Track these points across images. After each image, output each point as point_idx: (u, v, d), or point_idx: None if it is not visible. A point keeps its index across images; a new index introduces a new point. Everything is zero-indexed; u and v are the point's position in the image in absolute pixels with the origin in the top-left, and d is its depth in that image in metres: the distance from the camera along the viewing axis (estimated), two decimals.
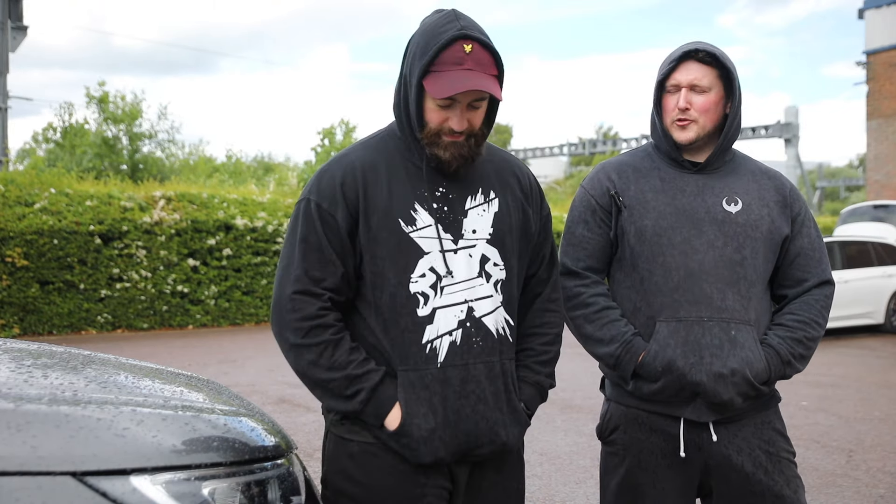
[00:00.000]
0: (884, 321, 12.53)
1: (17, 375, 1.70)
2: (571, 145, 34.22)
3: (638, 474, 2.18)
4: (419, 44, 1.82)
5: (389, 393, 1.82)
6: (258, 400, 6.78)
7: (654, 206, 2.18)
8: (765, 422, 2.17)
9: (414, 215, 1.84)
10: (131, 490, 1.46)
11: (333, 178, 1.86)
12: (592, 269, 2.25)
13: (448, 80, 1.76)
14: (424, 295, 1.83)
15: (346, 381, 1.80)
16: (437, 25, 1.81)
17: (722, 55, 2.15)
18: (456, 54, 1.77)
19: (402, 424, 1.80)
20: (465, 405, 1.83)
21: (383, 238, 1.83)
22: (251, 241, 13.22)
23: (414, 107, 1.83)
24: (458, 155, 1.84)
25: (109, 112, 29.24)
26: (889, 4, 21.39)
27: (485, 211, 1.92)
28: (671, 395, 2.12)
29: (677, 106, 2.16)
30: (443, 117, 1.82)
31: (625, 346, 2.14)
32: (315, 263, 1.83)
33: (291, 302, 1.82)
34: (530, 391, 1.96)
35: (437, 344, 1.83)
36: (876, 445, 5.63)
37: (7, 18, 17.66)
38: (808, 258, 2.22)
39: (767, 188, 2.23)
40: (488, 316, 1.88)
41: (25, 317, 11.12)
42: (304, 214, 1.86)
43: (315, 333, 1.81)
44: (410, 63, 1.83)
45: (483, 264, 1.89)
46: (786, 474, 2.15)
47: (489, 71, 1.80)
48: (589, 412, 6.51)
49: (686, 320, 2.10)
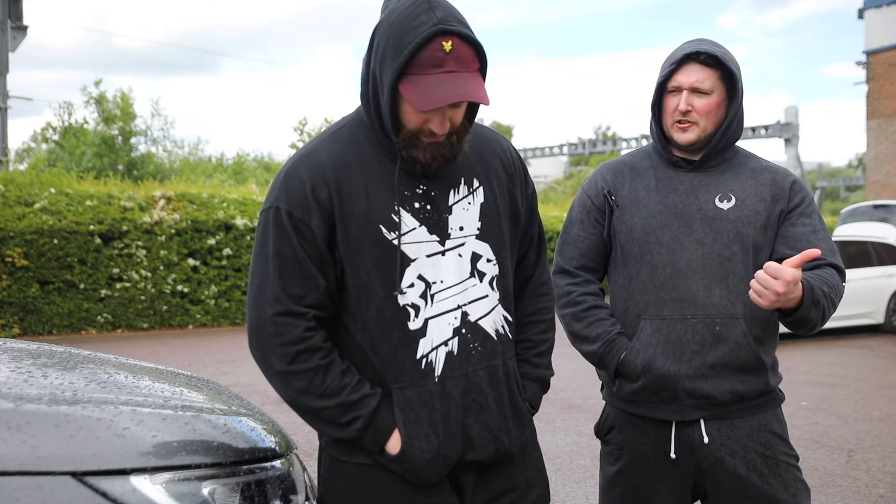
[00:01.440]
0: (884, 321, 12.52)
1: (17, 375, 1.70)
2: (571, 145, 34.19)
3: (632, 475, 2.19)
4: (390, 39, 1.58)
5: (388, 418, 1.68)
6: (258, 400, 6.77)
7: (646, 204, 2.18)
8: (761, 424, 2.14)
9: (395, 219, 1.67)
10: (131, 490, 1.46)
11: (302, 181, 1.66)
12: (585, 268, 2.27)
13: (429, 88, 1.55)
14: (415, 306, 1.68)
15: (340, 409, 1.65)
16: (410, 17, 1.57)
17: (724, 55, 2.12)
18: (435, 54, 1.55)
19: (403, 449, 1.67)
20: (468, 416, 1.72)
21: (365, 247, 1.66)
22: (251, 240, 13.22)
23: (388, 110, 1.62)
24: (439, 156, 1.66)
25: (107, 112, 29.23)
26: (889, 4, 21.39)
27: (470, 204, 1.76)
28: (650, 395, 2.13)
29: (678, 108, 2.14)
30: (422, 119, 1.62)
31: (607, 344, 2.16)
32: (293, 279, 1.65)
33: (274, 325, 1.64)
34: (534, 388, 1.87)
35: (432, 357, 1.69)
36: (876, 445, 5.63)
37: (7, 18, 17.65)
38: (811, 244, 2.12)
39: (765, 183, 2.19)
40: (485, 318, 1.75)
41: (25, 317, 11.12)
42: (275, 225, 1.66)
43: (303, 359, 1.64)
44: (381, 59, 1.60)
45: (474, 263, 1.75)
46: (783, 478, 2.12)
47: (472, 68, 1.60)
48: (589, 412, 6.51)
49: (669, 318, 2.10)
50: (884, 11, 21.56)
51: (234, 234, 13.03)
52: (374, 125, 1.70)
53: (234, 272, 13.10)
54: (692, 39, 2.20)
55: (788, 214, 2.17)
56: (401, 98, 1.61)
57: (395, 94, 1.61)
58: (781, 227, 2.16)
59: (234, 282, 13.07)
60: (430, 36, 1.55)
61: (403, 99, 1.61)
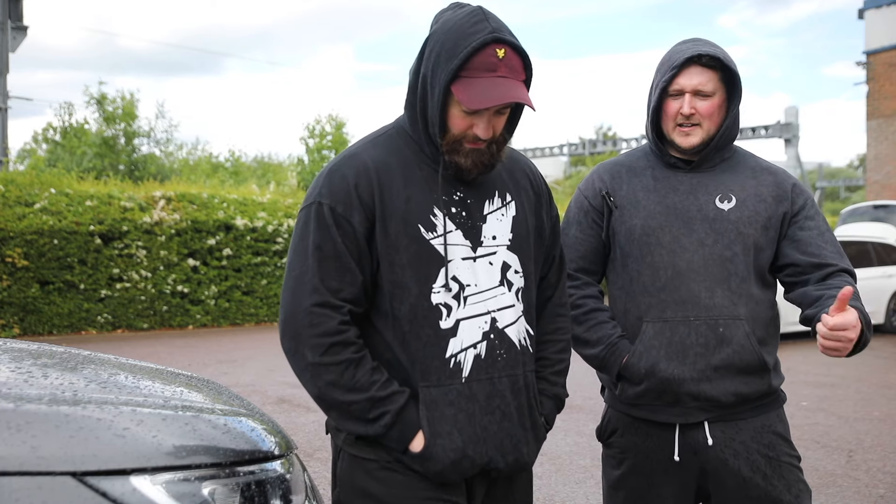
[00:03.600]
0: (884, 321, 12.54)
1: (17, 375, 1.70)
2: (571, 145, 34.20)
3: (635, 478, 2.18)
4: (444, 44, 1.67)
5: (414, 416, 1.70)
6: (258, 400, 6.77)
7: (645, 205, 2.17)
8: (765, 425, 2.14)
9: (434, 221, 1.73)
10: (131, 490, 1.46)
11: (346, 178, 1.72)
12: (584, 271, 2.25)
13: (481, 89, 1.64)
14: (447, 306, 1.72)
15: (368, 404, 1.68)
16: (465, 25, 1.66)
17: (725, 57, 2.12)
18: (489, 59, 1.64)
19: (427, 447, 1.70)
20: (492, 422, 1.74)
21: (403, 245, 1.71)
22: (251, 241, 13.23)
23: (437, 112, 1.69)
24: (479, 162, 1.73)
25: (108, 112, 29.22)
26: (889, 4, 21.39)
27: (503, 216, 1.83)
28: (654, 398, 2.11)
29: (681, 111, 2.12)
30: (468, 124, 1.70)
31: (609, 347, 2.14)
32: (332, 272, 1.69)
33: (310, 315, 1.67)
34: (550, 405, 1.89)
35: (461, 358, 1.72)
36: (876, 445, 5.64)
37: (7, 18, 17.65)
38: (820, 248, 2.14)
39: (766, 184, 2.19)
40: (511, 327, 1.78)
41: (25, 317, 11.12)
42: (317, 219, 1.71)
43: (335, 351, 1.67)
44: (434, 64, 1.68)
45: (504, 272, 1.79)
46: (786, 479, 2.11)
47: (520, 77, 1.69)
48: (589, 412, 6.51)
49: (672, 321, 2.09)
50: (884, 11, 21.56)
51: (234, 235, 13.03)
52: (417, 131, 1.77)
53: (234, 272, 13.10)
54: (686, 40, 2.19)
55: (794, 218, 2.17)
56: (450, 101, 1.69)
57: (446, 97, 1.68)
58: (788, 231, 2.16)
59: (234, 282, 13.08)
60: (486, 42, 1.64)
61: (452, 103, 1.69)
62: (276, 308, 13.42)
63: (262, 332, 12.39)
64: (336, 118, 32.16)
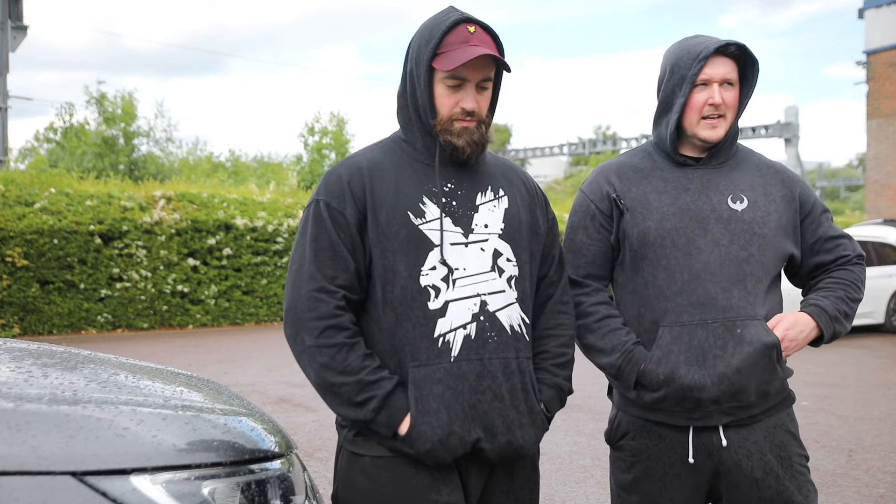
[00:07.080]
0: (884, 321, 12.53)
1: (17, 375, 1.70)
2: (571, 145, 34.15)
3: (646, 482, 2.15)
4: (422, 37, 1.88)
5: (402, 402, 1.78)
6: (258, 400, 6.77)
7: (658, 207, 2.13)
8: (777, 424, 2.13)
9: (423, 208, 1.85)
10: (131, 490, 1.46)
11: (340, 177, 1.88)
12: (593, 277, 2.21)
13: (458, 53, 1.81)
14: (435, 288, 1.81)
15: (357, 387, 1.76)
16: (438, 17, 1.89)
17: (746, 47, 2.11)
18: (462, 34, 1.83)
19: (413, 425, 1.76)
20: (482, 401, 1.80)
21: (393, 231, 1.83)
22: (251, 240, 13.23)
23: (425, 94, 1.86)
24: (471, 141, 1.87)
25: (108, 112, 29.21)
26: (889, 4, 21.38)
27: (495, 207, 1.92)
28: (673, 404, 2.08)
29: (710, 102, 2.09)
30: (454, 100, 1.85)
31: (626, 355, 2.10)
32: (327, 261, 1.82)
33: (308, 301, 1.79)
34: (550, 392, 1.92)
35: (450, 337, 1.80)
36: (876, 445, 5.64)
37: (7, 18, 17.65)
38: (836, 243, 2.21)
39: (773, 182, 2.18)
40: (502, 311, 1.85)
41: (25, 317, 11.13)
42: (314, 215, 1.86)
43: (330, 334, 1.78)
44: (416, 55, 1.88)
45: (496, 259, 1.88)
46: (797, 480, 2.11)
47: (492, 49, 1.86)
48: (589, 412, 6.51)
49: (689, 324, 2.05)
50: (884, 11, 21.55)
51: (234, 234, 13.03)
52: (411, 132, 1.92)
53: (234, 272, 13.10)
54: (693, 36, 2.17)
55: (807, 219, 2.21)
56: (435, 81, 1.86)
57: (430, 77, 1.85)
58: (807, 234, 2.21)
59: (234, 282, 13.08)
60: (457, 20, 1.84)
61: (438, 81, 1.85)
62: (276, 308, 13.45)
63: (262, 331, 12.40)
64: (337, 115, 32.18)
